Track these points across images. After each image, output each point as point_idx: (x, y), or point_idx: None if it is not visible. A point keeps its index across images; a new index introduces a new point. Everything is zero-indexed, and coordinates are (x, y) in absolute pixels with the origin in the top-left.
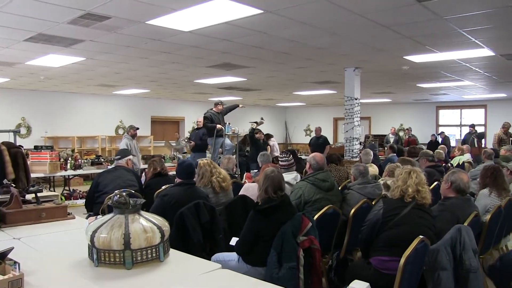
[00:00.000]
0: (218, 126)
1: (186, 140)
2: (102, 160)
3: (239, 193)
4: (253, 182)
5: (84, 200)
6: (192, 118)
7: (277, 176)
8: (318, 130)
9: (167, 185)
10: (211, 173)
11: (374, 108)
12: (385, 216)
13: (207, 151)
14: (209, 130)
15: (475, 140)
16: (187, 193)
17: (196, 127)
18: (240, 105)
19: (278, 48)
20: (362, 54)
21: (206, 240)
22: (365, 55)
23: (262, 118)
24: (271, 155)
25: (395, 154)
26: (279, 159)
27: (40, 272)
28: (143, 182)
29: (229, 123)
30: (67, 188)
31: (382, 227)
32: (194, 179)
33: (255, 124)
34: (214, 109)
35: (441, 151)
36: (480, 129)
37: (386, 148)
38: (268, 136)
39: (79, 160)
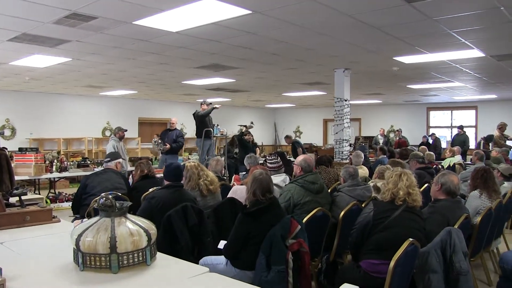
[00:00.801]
0: (216, 106)
1: (159, 142)
2: (89, 162)
3: (228, 196)
4: (242, 184)
5: (70, 203)
6: (180, 119)
7: (265, 179)
8: (286, 139)
9: (154, 188)
10: (198, 176)
11: (364, 110)
12: (375, 218)
13: (194, 153)
14: (197, 130)
15: (482, 142)
16: (175, 196)
17: (169, 128)
18: (216, 105)
19: (267, 49)
20: (352, 55)
21: (194, 244)
22: (355, 56)
23: (252, 123)
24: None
25: (385, 156)
26: (267, 161)
27: (23, 277)
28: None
29: (217, 125)
30: (52, 191)
31: (372, 229)
32: (182, 182)
33: (244, 127)
34: (200, 109)
35: (431, 152)
36: (470, 131)
37: (376, 150)
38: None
39: (65, 162)
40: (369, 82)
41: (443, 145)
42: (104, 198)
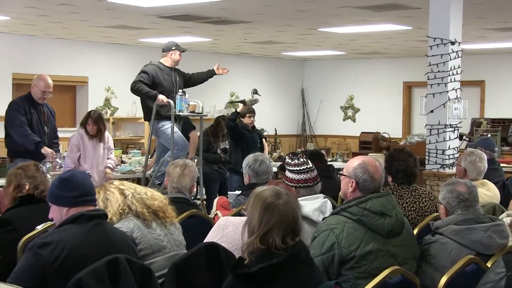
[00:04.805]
0: (161, 98)
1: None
2: None
3: (206, 239)
4: (239, 214)
5: None
6: (104, 79)
7: (291, 205)
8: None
9: (49, 223)
10: (122, 193)
11: (492, 63)
12: None
13: (134, 151)
14: (142, 102)
15: None
16: (92, 239)
17: (35, 98)
18: (218, 68)
19: None
20: None
21: None
22: None
23: (255, 92)
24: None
25: None
26: (287, 168)
27: None
28: None
29: (183, 92)
30: None
31: None
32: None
33: (242, 104)
34: (161, 60)
35: None
36: None
37: None
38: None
39: None
40: (503, 4)
41: None
42: None
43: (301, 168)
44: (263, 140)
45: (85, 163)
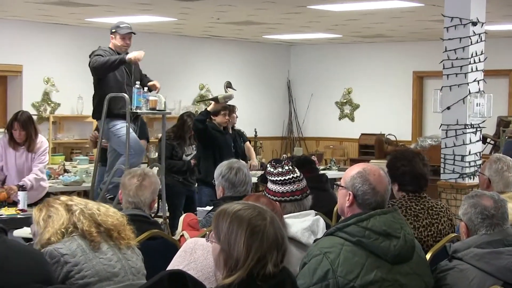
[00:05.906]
0: (130, 56)
1: None
2: None
3: (170, 265)
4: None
5: None
6: (42, 68)
7: (278, 223)
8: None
9: None
10: (68, 209)
11: None
12: None
13: (80, 157)
14: (96, 94)
15: None
16: None
17: None
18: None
19: None
20: None
21: None
22: None
23: (229, 85)
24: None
25: None
26: (270, 178)
27: None
28: None
29: (138, 84)
30: None
31: None
32: None
33: (214, 102)
34: (111, 44)
35: None
36: None
37: None
38: None
39: None
40: None
41: None
42: None
43: (286, 177)
44: (247, 143)
45: (10, 176)
